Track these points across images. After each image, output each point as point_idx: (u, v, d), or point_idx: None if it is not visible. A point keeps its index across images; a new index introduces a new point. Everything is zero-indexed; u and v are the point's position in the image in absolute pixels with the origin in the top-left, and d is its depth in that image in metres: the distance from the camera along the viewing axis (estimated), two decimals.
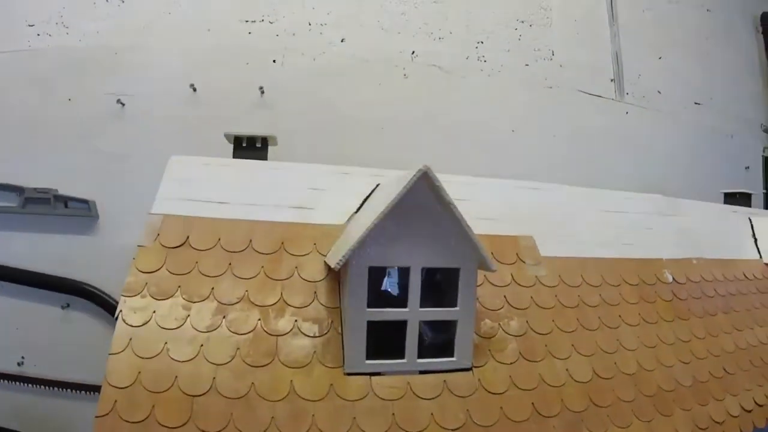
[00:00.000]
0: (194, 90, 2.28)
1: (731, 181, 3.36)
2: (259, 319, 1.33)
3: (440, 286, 1.33)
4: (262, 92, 2.30)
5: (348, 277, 1.25)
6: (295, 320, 1.34)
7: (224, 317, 1.33)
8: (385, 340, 1.29)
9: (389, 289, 1.41)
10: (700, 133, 3.62)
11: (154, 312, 1.32)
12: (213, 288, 1.37)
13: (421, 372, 1.31)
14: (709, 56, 3.77)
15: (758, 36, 4.15)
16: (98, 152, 2.34)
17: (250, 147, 1.75)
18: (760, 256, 2.33)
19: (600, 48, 3.33)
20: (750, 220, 2.46)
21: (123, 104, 2.30)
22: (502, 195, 1.76)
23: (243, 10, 2.40)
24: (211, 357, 1.26)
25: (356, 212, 1.53)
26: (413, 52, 2.67)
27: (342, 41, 2.49)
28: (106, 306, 2.32)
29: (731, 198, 2.76)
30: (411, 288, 1.25)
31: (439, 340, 1.33)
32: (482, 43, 2.91)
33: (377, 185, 1.57)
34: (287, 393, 1.24)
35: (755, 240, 2.39)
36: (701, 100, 3.63)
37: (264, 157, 1.78)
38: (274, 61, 2.35)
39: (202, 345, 1.28)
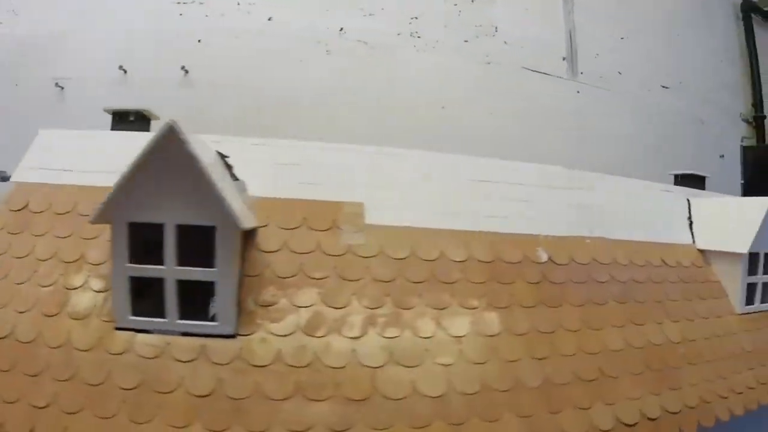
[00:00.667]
0: (125, 72, 2.42)
1: (702, 169, 3.06)
2: (62, 275, 1.41)
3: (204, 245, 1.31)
4: (186, 72, 2.38)
5: (112, 233, 1.29)
6: (88, 276, 1.40)
7: (35, 272, 1.43)
8: (155, 299, 1.31)
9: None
10: (665, 117, 3.42)
11: None
12: (35, 246, 1.47)
13: (184, 333, 1.27)
14: (681, 40, 3.62)
15: (739, 23, 3.97)
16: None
17: (125, 121, 1.85)
18: (694, 241, 1.98)
19: (552, 25, 3.16)
20: (688, 201, 2.10)
21: (62, 87, 2.47)
22: (345, 161, 1.62)
23: None
24: (18, 306, 1.35)
25: None
26: (341, 29, 2.60)
27: (269, 20, 2.49)
28: None
29: (682, 180, 2.38)
30: (166, 245, 1.24)
31: (203, 303, 1.31)
32: (416, 18, 2.78)
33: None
34: (64, 342, 1.30)
35: (690, 223, 2.03)
36: (669, 84, 3.45)
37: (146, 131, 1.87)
38: (199, 41, 2.41)
39: (13, 295, 1.39)
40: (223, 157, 1.53)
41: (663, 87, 3.53)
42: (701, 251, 1.95)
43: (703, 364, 1.62)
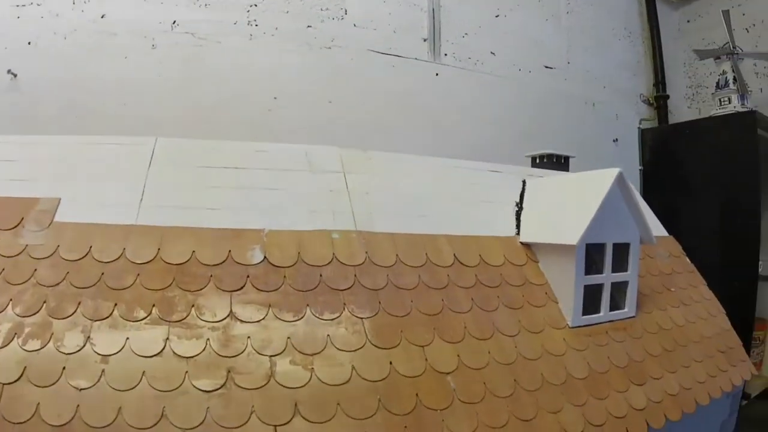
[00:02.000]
0: None
1: (593, 155, 3.13)
2: None
3: None
4: (14, 76, 2.27)
5: None
6: None
7: None
8: None
9: None
10: (548, 99, 3.27)
11: None
12: None
13: None
14: (571, 17, 3.52)
15: (641, 1, 3.93)
16: None
17: None
18: (518, 233, 1.61)
19: (413, 5, 2.98)
20: (524, 183, 1.74)
21: None
22: (55, 155, 1.43)
23: None
24: None
25: None
26: (174, 22, 2.45)
27: (102, 17, 2.36)
28: None
29: (540, 163, 2.14)
30: None
31: None
32: (255, 6, 2.61)
33: None
34: None
35: (519, 210, 1.67)
36: (555, 65, 3.33)
37: None
38: (29, 43, 2.29)
39: None
40: None
41: (546, 67, 3.34)
42: (526, 245, 1.58)
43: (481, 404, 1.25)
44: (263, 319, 1.21)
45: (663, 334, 1.72)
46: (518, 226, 1.67)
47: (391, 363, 1.22)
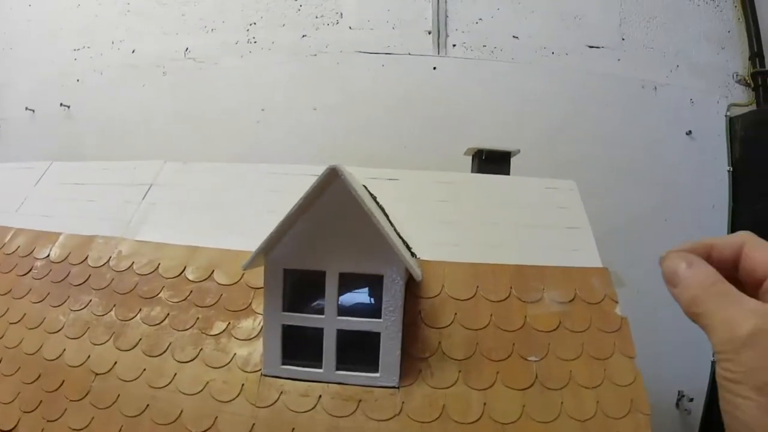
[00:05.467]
0: (33, 112, 3.38)
1: (653, 151, 2.88)
2: None
3: None
4: (66, 107, 3.26)
5: None
6: None
7: None
8: None
9: None
10: (590, 85, 2.94)
11: None
12: None
13: None
14: None
15: None
16: None
17: None
18: None
19: None
20: None
21: None
22: None
23: (71, 38, 3.31)
24: None
25: None
26: (187, 49, 3.18)
27: (133, 52, 3.25)
28: None
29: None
30: None
31: None
32: (255, 24, 3.12)
33: None
34: None
35: None
36: (602, 43, 2.99)
37: None
38: (77, 80, 3.31)
39: None
40: None
41: (590, 47, 2.97)
42: None
43: None
44: (19, 299, 1.77)
45: (442, 426, 1.33)
46: None
47: (41, 346, 1.61)
